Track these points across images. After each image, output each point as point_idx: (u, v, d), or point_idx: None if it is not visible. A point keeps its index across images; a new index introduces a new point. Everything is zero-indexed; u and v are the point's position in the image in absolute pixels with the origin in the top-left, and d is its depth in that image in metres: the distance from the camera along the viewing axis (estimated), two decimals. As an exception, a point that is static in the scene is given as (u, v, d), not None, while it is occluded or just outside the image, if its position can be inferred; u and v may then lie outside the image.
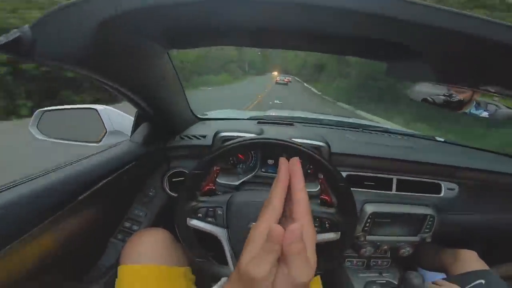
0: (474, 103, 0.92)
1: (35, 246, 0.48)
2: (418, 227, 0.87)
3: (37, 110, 0.90)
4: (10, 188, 0.47)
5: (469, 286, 0.76)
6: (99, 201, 0.64)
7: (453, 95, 0.84)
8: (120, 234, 0.81)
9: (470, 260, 0.85)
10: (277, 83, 26.16)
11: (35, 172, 0.55)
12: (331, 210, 0.61)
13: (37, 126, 0.89)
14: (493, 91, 0.67)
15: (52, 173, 0.55)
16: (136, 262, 0.63)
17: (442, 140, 1.31)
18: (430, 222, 0.87)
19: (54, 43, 0.35)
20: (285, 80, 28.59)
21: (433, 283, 0.81)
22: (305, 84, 25.48)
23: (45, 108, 0.90)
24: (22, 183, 0.49)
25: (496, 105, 0.88)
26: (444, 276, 0.89)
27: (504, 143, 4.68)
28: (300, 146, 0.57)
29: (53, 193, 0.51)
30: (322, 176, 0.79)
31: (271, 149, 0.78)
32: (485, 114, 0.93)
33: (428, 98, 0.91)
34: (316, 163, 0.58)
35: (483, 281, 0.76)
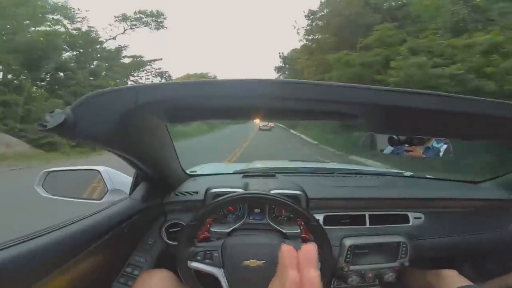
0: (433, 139, 1.13)
1: None
2: (395, 253, 0.98)
3: (43, 171, 1.01)
4: (21, 242, 0.53)
5: None
6: (105, 251, 0.75)
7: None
8: (122, 278, 0.89)
9: (452, 278, 0.93)
10: (260, 129, 26.35)
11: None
12: None
13: (42, 185, 1.00)
14: (421, 137, 0.92)
15: (62, 228, 0.64)
16: None
17: (409, 175, 1.49)
18: (404, 248, 0.97)
19: (90, 125, 0.45)
20: (268, 125, 29.13)
21: None
22: (291, 130, 26.18)
23: (50, 169, 1.02)
24: (35, 237, 0.55)
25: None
26: None
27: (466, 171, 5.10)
28: (279, 198, 0.73)
29: (62, 246, 0.59)
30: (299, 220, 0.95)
31: (257, 202, 0.95)
32: (445, 146, 1.14)
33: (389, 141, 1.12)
34: (292, 210, 0.74)
35: None
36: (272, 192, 0.94)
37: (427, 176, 1.49)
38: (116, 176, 0.98)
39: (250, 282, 0.72)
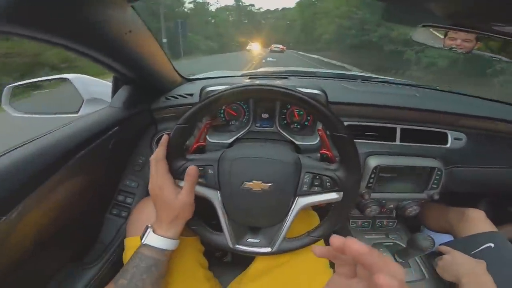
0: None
1: (27, 218, 0.44)
2: (425, 182, 0.83)
3: (6, 87, 0.83)
4: None
5: (477, 249, 0.73)
6: (87, 170, 0.60)
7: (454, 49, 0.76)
8: (115, 209, 0.77)
9: (477, 220, 0.81)
10: (271, 51, 25.99)
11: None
12: (333, 166, 0.55)
13: (9, 103, 0.83)
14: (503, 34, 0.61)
15: (31, 142, 0.50)
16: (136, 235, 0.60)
17: (447, 90, 1.23)
18: (437, 177, 0.81)
19: None
20: (280, 47, 28.33)
21: (440, 247, 0.78)
22: (307, 54, 25.04)
23: (14, 84, 0.83)
24: (5, 153, 0.46)
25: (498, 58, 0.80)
26: (451, 238, 0.87)
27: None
28: (296, 91, 0.50)
29: (35, 162, 0.47)
30: (321, 127, 0.74)
31: (264, 97, 0.71)
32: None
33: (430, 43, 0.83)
34: (315, 110, 0.50)
35: (492, 245, 0.73)
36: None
37: (468, 93, 1.25)
38: (92, 84, 0.79)
39: (251, 209, 0.54)
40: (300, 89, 0.73)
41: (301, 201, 0.54)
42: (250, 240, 0.57)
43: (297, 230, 0.58)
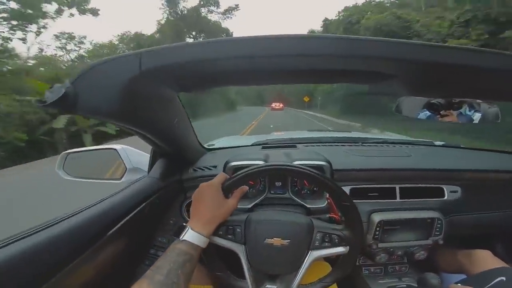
0: (466, 105, 0.99)
1: (72, 280, 0.54)
2: (428, 230, 0.90)
3: (62, 153, 1.00)
4: (44, 228, 0.52)
5: (490, 284, 0.76)
6: (126, 234, 0.72)
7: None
8: (148, 260, 0.87)
9: (486, 259, 0.86)
10: (273, 109, 27.86)
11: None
12: (339, 227, 0.67)
13: (63, 168, 0.99)
14: (459, 98, 0.78)
15: (83, 211, 0.63)
16: None
17: (441, 144, 1.36)
18: (438, 225, 0.90)
19: (93, 98, 0.42)
20: (280, 106, 30.42)
21: (452, 286, 0.80)
22: (304, 111, 27.08)
23: (69, 151, 1.00)
24: (55, 224, 0.55)
25: (488, 104, 0.94)
26: (465, 276, 0.90)
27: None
28: (305, 169, 0.64)
29: (85, 230, 0.58)
30: (328, 195, 0.86)
31: (282, 174, 0.88)
32: (477, 114, 0.99)
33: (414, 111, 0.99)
34: (321, 184, 0.64)
35: (504, 278, 0.76)
36: (296, 163, 0.87)
37: (461, 146, 1.36)
38: (134, 154, 0.94)
39: (272, 261, 0.66)
40: (309, 162, 0.87)
41: (314, 254, 0.65)
42: (268, 286, 0.68)
43: (310, 278, 0.69)
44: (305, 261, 0.65)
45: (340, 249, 0.65)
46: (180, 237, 0.58)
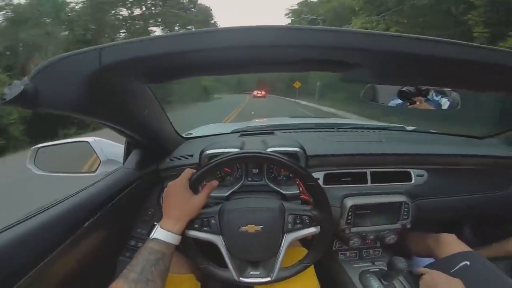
0: (432, 91, 1.04)
1: (51, 273, 0.54)
2: (397, 214, 0.94)
3: (32, 148, 0.97)
4: (19, 223, 0.53)
5: (455, 268, 0.82)
6: (105, 226, 0.72)
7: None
8: (128, 252, 0.88)
9: (451, 243, 0.91)
10: (254, 97, 26.79)
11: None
12: (308, 207, 0.71)
13: (34, 163, 0.96)
14: (423, 86, 0.83)
15: (59, 204, 0.63)
16: None
17: (412, 129, 1.42)
18: (405, 209, 0.94)
19: (52, 93, 0.42)
20: (262, 93, 29.14)
21: (419, 269, 0.87)
22: (285, 98, 25.31)
23: (39, 145, 0.97)
24: (30, 217, 0.56)
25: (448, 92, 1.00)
26: (433, 260, 0.96)
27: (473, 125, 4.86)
28: (274, 156, 0.67)
29: (62, 223, 0.58)
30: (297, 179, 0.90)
31: (255, 162, 0.90)
32: (445, 100, 1.05)
33: (380, 97, 1.04)
34: (289, 169, 0.67)
35: (468, 262, 0.81)
36: (269, 150, 0.89)
37: (430, 130, 1.43)
38: (108, 146, 0.93)
39: (249, 247, 0.69)
40: (283, 148, 0.89)
41: (289, 237, 0.68)
42: (252, 272, 0.70)
43: (290, 261, 0.72)
44: (282, 244, 0.68)
45: (312, 230, 0.69)
46: (150, 236, 0.60)
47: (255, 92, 30.70)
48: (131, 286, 0.51)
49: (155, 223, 0.64)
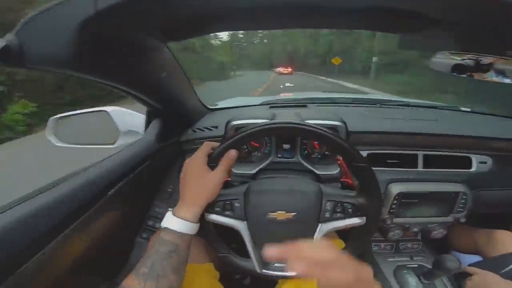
0: (494, 70, 0.83)
1: (67, 247, 0.49)
2: (450, 206, 0.82)
3: (50, 118, 0.92)
4: (37, 194, 0.48)
5: (506, 269, 0.72)
6: (123, 201, 0.65)
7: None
8: (145, 233, 0.82)
9: (505, 241, 0.79)
10: (280, 74, 25.62)
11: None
12: (353, 193, 0.58)
13: (53, 134, 0.91)
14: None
15: (72, 179, 0.56)
16: None
17: (468, 110, 1.22)
18: (463, 200, 0.80)
19: (41, 47, 0.36)
20: (288, 70, 27.91)
21: (467, 268, 0.76)
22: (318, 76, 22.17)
23: (58, 116, 0.92)
24: (49, 189, 0.51)
25: None
26: (480, 259, 0.85)
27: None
28: (314, 127, 0.53)
29: (76, 198, 0.52)
30: (340, 158, 0.77)
31: (285, 134, 0.77)
32: (508, 80, 0.84)
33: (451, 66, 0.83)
34: (332, 144, 0.53)
35: None
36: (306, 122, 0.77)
37: (492, 113, 1.21)
38: (128, 116, 0.85)
39: (277, 237, 0.56)
40: (320, 121, 0.76)
41: (324, 227, 0.57)
42: (277, 264, 0.60)
43: None
44: (315, 236, 0.57)
45: (355, 220, 0.56)
46: (162, 224, 0.51)
47: (280, 69, 29.37)
48: (141, 283, 0.45)
49: (170, 209, 0.54)
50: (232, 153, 0.55)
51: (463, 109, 1.23)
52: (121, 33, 0.43)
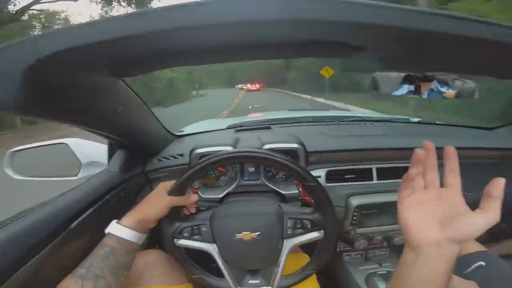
0: (436, 81, 0.92)
1: (32, 279, 0.50)
2: None
3: (8, 151, 0.89)
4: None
5: (469, 269, 0.76)
6: (88, 231, 0.66)
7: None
8: None
9: (465, 244, 0.81)
10: (248, 91, 25.61)
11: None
12: (309, 210, 0.64)
13: (11, 167, 0.88)
14: (435, 73, 0.72)
15: (40, 209, 0.57)
16: (134, 285, 0.65)
17: (416, 121, 1.34)
18: None
19: None
20: (257, 86, 27.64)
21: None
22: (280, 90, 22.71)
23: (15, 148, 0.89)
24: (11, 223, 0.51)
25: (462, 80, 0.88)
26: None
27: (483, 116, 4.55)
28: (267, 154, 0.59)
29: (42, 228, 0.53)
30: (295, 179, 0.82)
31: (247, 161, 0.83)
32: (450, 90, 0.93)
33: (385, 85, 0.92)
34: (285, 168, 0.60)
35: (483, 263, 0.76)
36: (266, 147, 0.82)
37: (437, 122, 1.34)
38: (89, 147, 0.85)
39: (247, 256, 0.63)
40: (280, 145, 0.81)
41: (289, 243, 0.63)
42: (251, 281, 0.65)
43: (292, 268, 0.67)
44: (282, 251, 0.62)
45: (314, 234, 0.62)
46: (105, 230, 0.57)
47: (248, 85, 29.26)
48: (78, 282, 0.48)
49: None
50: (193, 197, 0.65)
51: (413, 120, 1.34)
52: (68, 77, 0.43)
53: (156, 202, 0.61)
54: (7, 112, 0.41)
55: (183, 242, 0.62)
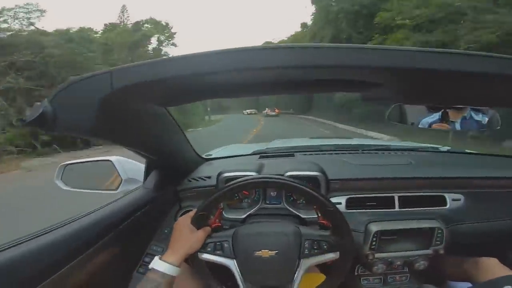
0: (469, 109, 0.94)
1: (71, 279, 0.57)
2: (428, 240, 0.87)
3: (60, 165, 1.02)
4: (43, 234, 0.57)
5: None
6: (121, 241, 0.74)
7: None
8: (142, 268, 0.89)
9: (492, 268, 0.83)
10: (268, 115, 25.83)
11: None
12: (327, 232, 0.69)
13: (61, 179, 1.01)
14: (451, 105, 0.78)
15: (80, 218, 0.66)
16: None
17: (445, 150, 1.34)
18: (439, 235, 0.86)
19: (71, 116, 0.43)
20: (276, 111, 27.68)
21: None
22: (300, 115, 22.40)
23: (66, 162, 1.03)
24: (54, 229, 0.59)
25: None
26: (470, 285, 0.87)
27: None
28: (289, 181, 0.66)
29: (80, 237, 0.61)
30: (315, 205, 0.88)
31: (268, 187, 0.89)
32: (483, 118, 0.95)
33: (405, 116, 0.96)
34: (304, 194, 0.66)
35: (510, 286, 0.73)
36: (288, 174, 0.88)
37: (467, 151, 1.35)
38: (129, 165, 0.96)
39: (264, 273, 0.67)
40: (302, 172, 0.88)
41: (305, 263, 0.67)
42: None
43: (307, 287, 0.70)
44: (298, 270, 0.67)
45: (330, 255, 0.67)
46: (150, 266, 0.64)
47: (267, 110, 28.72)
48: None
49: (158, 256, 0.66)
50: (207, 229, 0.71)
51: (442, 149, 1.34)
52: (130, 105, 0.53)
53: (193, 237, 0.67)
54: (81, 135, 0.51)
55: (206, 256, 0.69)
